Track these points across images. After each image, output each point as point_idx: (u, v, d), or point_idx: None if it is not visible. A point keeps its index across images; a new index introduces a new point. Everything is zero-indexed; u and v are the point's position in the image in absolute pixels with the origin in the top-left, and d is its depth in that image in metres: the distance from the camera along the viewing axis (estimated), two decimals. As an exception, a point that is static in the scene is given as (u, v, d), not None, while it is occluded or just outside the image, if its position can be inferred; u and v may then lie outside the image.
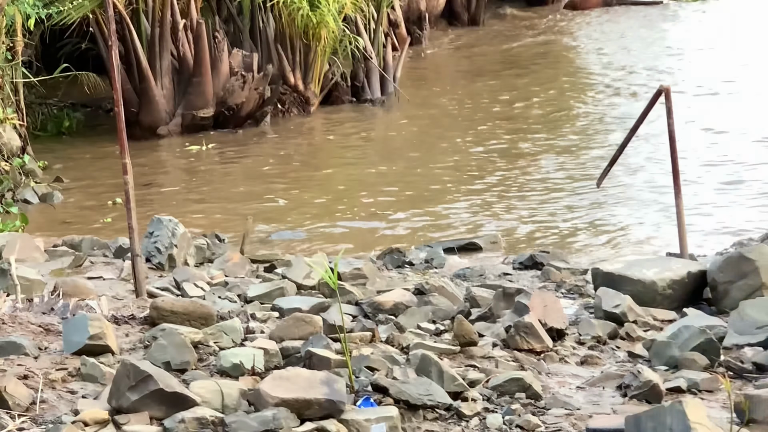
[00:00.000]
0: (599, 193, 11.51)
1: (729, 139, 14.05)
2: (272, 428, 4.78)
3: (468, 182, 13.02)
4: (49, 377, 5.28)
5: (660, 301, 7.16)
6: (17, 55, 14.33)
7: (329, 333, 6.03)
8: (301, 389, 4.92)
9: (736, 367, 5.81)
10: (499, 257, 9.65)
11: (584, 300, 7.55)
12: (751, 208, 11.17)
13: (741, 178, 12.28)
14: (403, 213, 11.78)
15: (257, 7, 17.33)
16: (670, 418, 4.65)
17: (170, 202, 12.95)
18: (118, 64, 8.25)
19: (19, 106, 14.27)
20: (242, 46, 17.07)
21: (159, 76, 16.14)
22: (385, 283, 8.18)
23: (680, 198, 8.23)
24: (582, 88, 18.46)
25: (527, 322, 6.18)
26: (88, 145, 15.90)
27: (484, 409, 5.24)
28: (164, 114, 16.19)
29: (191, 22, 16.52)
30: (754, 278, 6.96)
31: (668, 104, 8.15)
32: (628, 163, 12.64)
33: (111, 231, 11.26)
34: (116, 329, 6.05)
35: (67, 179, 13.88)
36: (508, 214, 11.60)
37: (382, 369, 5.48)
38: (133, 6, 16.31)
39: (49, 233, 11.13)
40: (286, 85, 17.31)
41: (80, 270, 8.84)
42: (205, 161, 15.07)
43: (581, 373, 5.91)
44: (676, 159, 8.23)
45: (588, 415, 5.22)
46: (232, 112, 16.40)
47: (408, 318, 6.66)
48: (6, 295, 7.12)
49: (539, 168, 13.46)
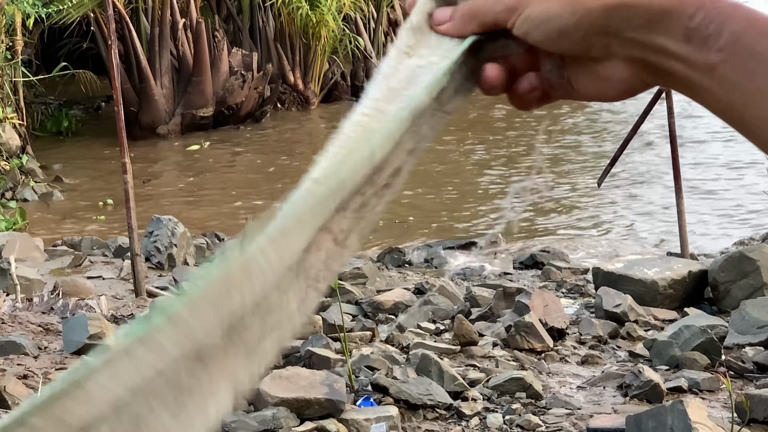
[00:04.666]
0: (600, 193, 11.50)
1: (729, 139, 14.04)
2: (272, 428, 4.77)
3: (468, 181, 13.02)
4: (48, 377, 5.28)
5: (661, 301, 7.15)
6: (17, 54, 14.33)
7: (329, 332, 6.03)
8: (301, 389, 4.92)
9: (737, 367, 5.80)
10: (499, 256, 9.64)
11: (585, 299, 7.54)
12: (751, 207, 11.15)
13: (742, 178, 12.27)
14: (403, 212, 11.76)
15: (257, 6, 17.33)
16: (671, 418, 4.65)
17: (170, 201, 12.94)
18: (118, 63, 8.24)
19: (18, 105, 14.27)
20: (242, 46, 17.07)
21: (159, 75, 16.14)
22: (385, 283, 8.18)
23: (681, 197, 8.21)
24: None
25: (528, 321, 6.18)
26: (87, 145, 15.89)
27: (484, 409, 5.23)
28: (164, 113, 16.18)
29: (191, 21, 16.52)
30: (756, 278, 6.96)
31: (669, 103, 8.14)
32: (628, 162, 12.64)
33: (111, 231, 11.25)
34: (116, 329, 6.04)
35: (66, 179, 13.87)
36: (508, 213, 11.59)
37: (382, 368, 5.47)
38: (133, 5, 16.32)
39: (48, 233, 11.12)
40: (286, 85, 17.31)
41: (80, 269, 8.83)
42: (205, 161, 15.06)
43: (582, 372, 5.90)
44: (676, 158, 8.22)
45: (589, 415, 5.21)
46: (231, 111, 16.39)
47: (408, 317, 6.65)
48: (6, 294, 7.11)
49: (539, 167, 13.44)
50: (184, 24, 16.48)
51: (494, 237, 10.32)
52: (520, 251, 9.63)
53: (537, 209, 11.66)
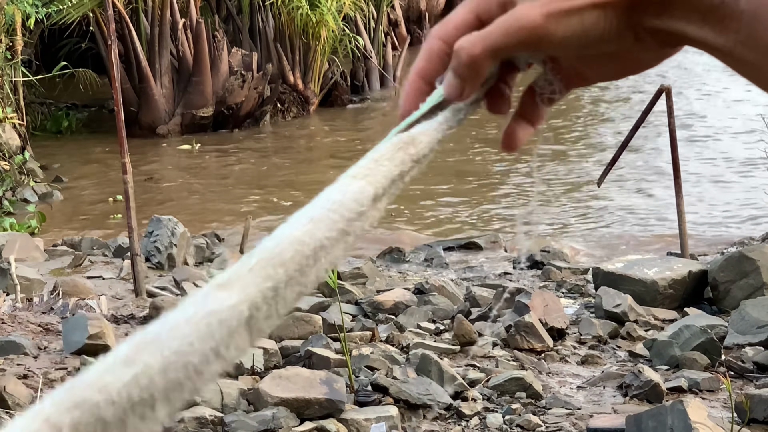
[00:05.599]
0: (600, 193, 11.50)
1: (729, 138, 14.04)
2: (272, 427, 4.77)
3: (468, 181, 13.02)
4: (48, 377, 5.27)
5: (661, 301, 7.15)
6: (17, 54, 14.33)
7: (329, 332, 6.03)
8: (301, 388, 4.92)
9: (737, 367, 5.80)
10: (499, 256, 9.64)
11: (585, 299, 7.54)
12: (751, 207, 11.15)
13: (742, 178, 12.27)
14: (403, 212, 11.76)
15: (256, 6, 17.32)
16: (671, 418, 4.65)
17: (169, 200, 12.94)
18: (118, 63, 8.24)
19: (18, 105, 14.26)
20: (242, 46, 17.06)
21: (158, 75, 16.14)
22: (385, 283, 8.17)
23: (681, 197, 8.21)
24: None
25: (528, 321, 6.18)
26: (87, 145, 15.89)
27: (484, 409, 5.23)
28: (164, 113, 16.18)
29: (191, 21, 16.51)
30: (755, 278, 6.96)
31: (669, 103, 8.14)
32: (628, 162, 12.63)
33: (109, 230, 11.24)
34: (116, 329, 6.04)
35: (66, 178, 13.87)
36: (508, 213, 11.59)
37: (382, 368, 5.47)
38: (133, 5, 16.31)
39: (48, 232, 11.12)
40: (286, 85, 17.30)
41: (80, 269, 8.83)
42: (204, 160, 15.06)
43: (582, 372, 5.90)
44: (676, 158, 8.22)
45: (589, 415, 5.21)
46: (231, 111, 16.39)
47: (408, 317, 6.65)
48: (6, 294, 7.11)
49: (540, 167, 13.44)
50: (184, 24, 16.48)
51: (494, 237, 10.31)
52: (520, 251, 9.63)
53: (538, 209, 11.65)
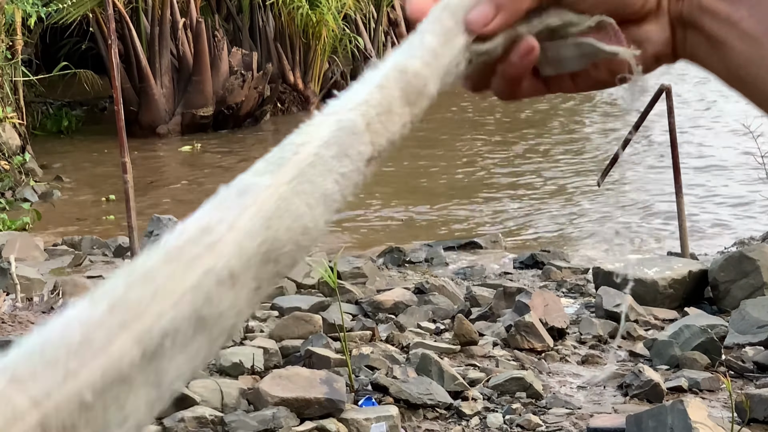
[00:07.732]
0: (600, 192, 11.49)
1: (730, 138, 14.04)
2: (272, 427, 4.77)
3: (469, 181, 13.01)
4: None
5: (661, 301, 7.15)
6: (17, 54, 14.33)
7: (329, 332, 6.02)
8: (301, 388, 4.91)
9: (737, 367, 5.79)
10: (499, 256, 9.63)
11: (585, 299, 7.53)
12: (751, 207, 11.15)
13: (743, 177, 12.27)
14: (404, 212, 11.76)
15: (257, 5, 17.32)
16: (671, 418, 4.64)
17: (170, 200, 12.94)
18: (118, 62, 8.24)
19: (18, 104, 14.26)
20: (242, 45, 17.06)
21: (159, 75, 16.14)
22: (385, 282, 8.17)
23: (681, 197, 8.21)
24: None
25: (528, 321, 6.17)
26: (87, 144, 15.89)
27: (484, 409, 5.23)
28: (164, 113, 16.18)
29: (191, 20, 16.51)
30: (756, 277, 6.95)
31: (669, 103, 8.13)
32: (628, 162, 12.63)
33: (109, 229, 11.24)
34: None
35: (66, 178, 13.87)
36: (508, 212, 11.59)
37: (382, 368, 5.47)
38: (133, 5, 16.32)
39: (48, 232, 11.11)
40: (286, 84, 17.30)
41: (80, 269, 8.83)
42: (204, 160, 15.06)
43: (582, 372, 5.90)
44: (677, 158, 8.22)
45: (589, 415, 5.21)
46: (231, 111, 16.39)
47: (408, 317, 6.65)
48: (6, 294, 7.10)
49: (540, 166, 13.44)
50: (184, 23, 16.48)
51: (494, 237, 10.31)
52: (520, 251, 9.63)
53: (538, 209, 11.65)
